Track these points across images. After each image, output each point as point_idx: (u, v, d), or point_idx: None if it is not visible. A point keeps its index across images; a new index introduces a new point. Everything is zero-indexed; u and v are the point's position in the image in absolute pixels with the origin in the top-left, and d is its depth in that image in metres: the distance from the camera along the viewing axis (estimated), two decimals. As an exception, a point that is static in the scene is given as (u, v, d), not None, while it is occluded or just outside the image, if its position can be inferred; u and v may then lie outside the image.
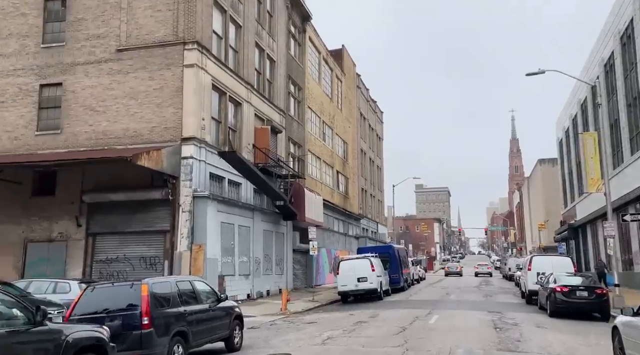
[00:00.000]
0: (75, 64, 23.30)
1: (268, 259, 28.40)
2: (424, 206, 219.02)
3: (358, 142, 54.06)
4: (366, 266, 25.94)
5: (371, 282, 25.70)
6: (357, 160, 53.47)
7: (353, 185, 50.94)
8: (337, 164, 45.70)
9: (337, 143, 46.19)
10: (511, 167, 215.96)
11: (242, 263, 25.03)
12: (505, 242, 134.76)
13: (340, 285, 26.02)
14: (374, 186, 62.09)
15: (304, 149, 36.42)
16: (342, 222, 46.53)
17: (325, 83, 43.27)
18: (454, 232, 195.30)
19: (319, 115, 40.66)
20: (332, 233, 41.97)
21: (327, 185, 42.19)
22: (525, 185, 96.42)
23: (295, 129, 34.85)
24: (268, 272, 28.28)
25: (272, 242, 29.08)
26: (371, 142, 61.84)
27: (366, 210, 57.18)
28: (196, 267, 21.21)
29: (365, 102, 59.22)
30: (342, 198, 46.46)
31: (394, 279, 31.19)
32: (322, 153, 41.04)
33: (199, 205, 21.66)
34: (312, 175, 38.19)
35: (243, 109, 26.90)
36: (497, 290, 33.26)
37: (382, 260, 30.61)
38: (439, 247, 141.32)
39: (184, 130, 21.96)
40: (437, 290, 33.87)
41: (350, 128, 51.07)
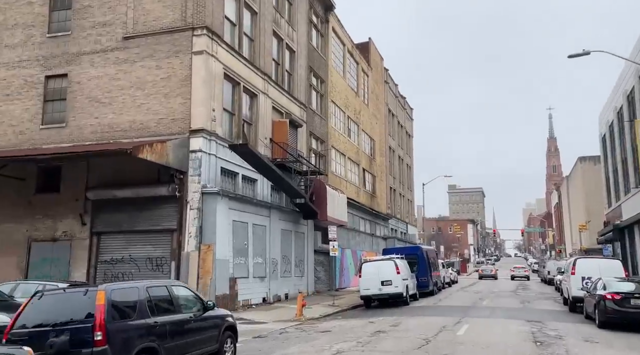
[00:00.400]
0: (81, 53, 22.13)
1: (287, 261, 26.72)
2: (457, 207, 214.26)
3: (386, 139, 51.97)
4: (391, 268, 23.99)
5: (396, 286, 23.73)
6: (385, 158, 51.38)
7: (381, 184, 48.88)
8: (364, 161, 43.76)
9: (363, 140, 44.25)
10: (549, 166, 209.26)
11: (257, 264, 23.42)
12: (542, 244, 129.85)
13: (362, 289, 24.14)
14: (403, 185, 59.82)
15: (327, 144, 34.65)
16: (369, 222, 44.55)
17: (350, 77, 41.41)
18: (489, 234, 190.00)
19: (344, 110, 38.83)
20: (358, 233, 40.05)
21: (353, 183, 40.30)
22: (564, 184, 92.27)
23: (317, 124, 33.12)
24: (287, 275, 26.61)
25: (291, 243, 27.40)
26: (400, 139, 59.61)
27: (395, 210, 54.99)
28: (205, 268, 19.68)
29: (394, 98, 57.06)
30: (368, 197, 44.49)
31: (422, 282, 29.10)
32: (347, 150, 39.18)
33: (208, 202, 20.13)
34: (336, 173, 36.39)
35: (259, 101, 25.32)
36: (536, 296, 30.73)
37: (410, 262, 28.63)
38: (472, 249, 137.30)
39: (192, 122, 20.48)
40: (470, 294, 31.57)
41: (378, 124, 49.04)
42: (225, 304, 20.08)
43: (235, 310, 20.68)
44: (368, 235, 43.11)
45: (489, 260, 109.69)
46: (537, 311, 21.25)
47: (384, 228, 49.58)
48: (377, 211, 46.37)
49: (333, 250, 24.69)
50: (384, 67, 52.76)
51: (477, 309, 21.72)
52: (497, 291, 35.13)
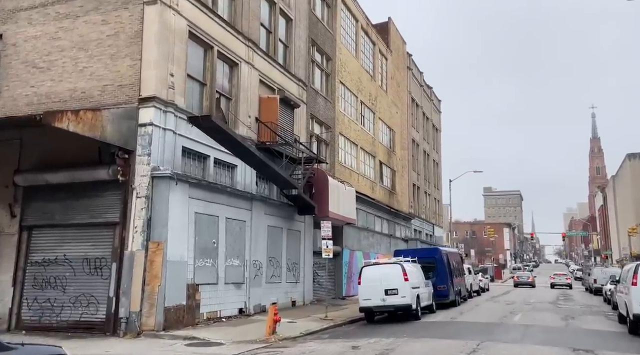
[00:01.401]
0: (19, 9, 18.40)
1: (275, 263, 22.38)
2: (493, 211, 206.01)
3: (408, 131, 47.09)
4: (397, 274, 19.36)
5: (403, 296, 19.07)
6: (408, 152, 46.50)
7: (401, 180, 44.03)
8: (381, 153, 39.06)
9: (380, 129, 39.57)
10: (592, 168, 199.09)
11: (232, 268, 19.15)
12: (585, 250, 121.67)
13: (362, 299, 19.60)
14: (429, 183, 54.70)
15: (333, 131, 30.18)
16: (387, 222, 39.77)
17: (364, 58, 36.87)
18: (527, 239, 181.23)
19: (355, 93, 34.29)
20: (372, 233, 35.37)
21: (367, 177, 35.68)
22: (610, 185, 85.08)
23: (321, 106, 28.71)
24: (275, 280, 22.25)
25: (281, 242, 23.04)
26: (426, 133, 54.56)
27: (419, 210, 49.97)
28: (152, 272, 15.52)
29: (418, 87, 52.12)
30: (386, 193, 39.74)
31: (441, 291, 24.30)
32: (360, 139, 34.61)
33: (159, 189, 16.00)
34: (345, 164, 31.86)
35: (241, 71, 21.13)
36: (582, 310, 25.47)
37: (426, 266, 23.92)
38: (509, 254, 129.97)
39: (142, 88, 16.42)
40: (500, 306, 26.53)
41: (399, 114, 44.25)
42: (178, 318, 15.87)
43: (195, 325, 16.45)
44: (385, 236, 38.35)
45: (527, 266, 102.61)
46: (585, 333, 16.26)
47: (406, 229, 44.69)
48: (397, 210, 41.55)
49: (326, 251, 20.23)
50: (406, 52, 47.97)
51: (505, 329, 16.88)
52: (534, 302, 29.91)
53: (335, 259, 29.47)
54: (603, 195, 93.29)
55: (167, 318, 15.42)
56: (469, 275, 33.55)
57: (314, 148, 27.54)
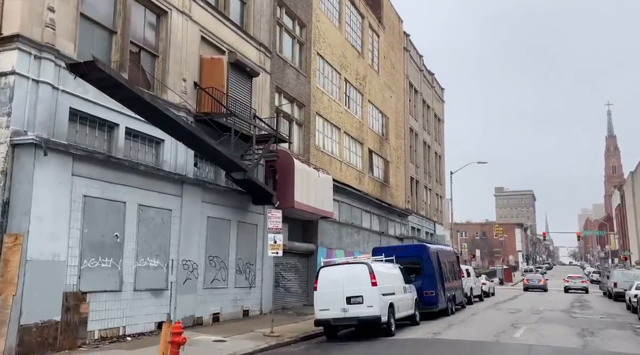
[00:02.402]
0: None
1: (218, 264, 18.00)
2: (504, 211, 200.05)
3: (405, 119, 42.53)
4: (362, 277, 14.95)
5: (370, 305, 14.65)
6: (404, 141, 41.94)
7: (396, 172, 39.48)
8: (371, 140, 34.58)
9: (371, 113, 35.09)
10: (607, 167, 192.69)
11: (148, 270, 14.82)
12: (602, 251, 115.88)
13: (318, 310, 15.21)
14: (430, 177, 50.05)
15: (308, 109, 25.77)
16: (378, 217, 35.23)
17: (351, 31, 32.43)
18: (540, 240, 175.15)
19: (338, 69, 29.86)
20: (357, 230, 30.86)
21: (352, 165, 31.21)
22: (628, 182, 79.69)
23: (291, 80, 24.33)
24: (218, 284, 17.88)
25: (228, 238, 18.64)
26: (426, 122, 49.94)
27: (418, 206, 45.36)
28: (6, 277, 11.24)
29: (417, 71, 47.53)
30: (377, 186, 35.23)
31: (429, 297, 19.83)
32: (343, 122, 30.15)
33: (22, 161, 11.73)
34: (324, 148, 27.43)
35: (172, 22, 16.83)
36: (603, 320, 20.78)
37: (410, 268, 19.54)
38: (521, 256, 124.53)
39: (4, 25, 12.17)
40: (502, 316, 21.94)
41: (393, 99, 39.71)
42: (45, 340, 11.56)
43: (75, 348, 12.13)
44: (375, 233, 33.82)
45: (539, 268, 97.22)
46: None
47: (401, 226, 40.10)
48: (390, 204, 37.00)
49: (273, 247, 15.77)
50: (403, 31, 43.42)
51: (500, 352, 12.35)
52: (544, 310, 25.26)
53: (309, 259, 25.08)
54: (620, 194, 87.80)
55: (25, 341, 11.11)
56: (468, 278, 28.95)
57: (284, 129, 23.16)
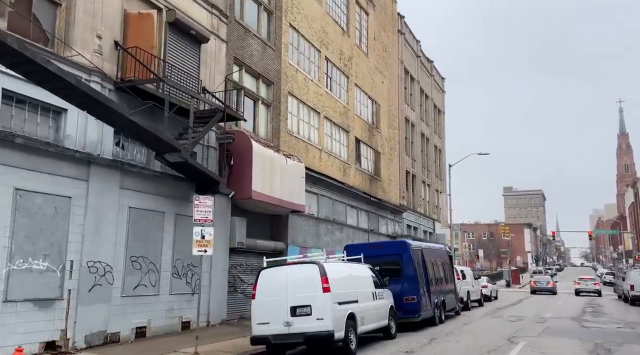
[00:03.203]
0: None
1: (146, 266, 14.82)
2: (513, 212, 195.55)
3: (400, 108, 39.22)
4: (311, 280, 11.73)
5: (319, 317, 11.42)
6: (399, 132, 38.62)
7: (389, 165, 36.17)
8: (358, 128, 31.31)
9: (357, 98, 31.84)
10: (620, 165, 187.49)
11: (28, 274, 11.69)
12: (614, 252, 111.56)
13: (256, 323, 11.95)
14: (429, 172, 46.66)
15: (277, 88, 22.57)
16: (366, 214, 31.93)
17: (333, 5, 29.21)
18: (550, 241, 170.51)
19: (317, 46, 26.64)
20: (340, 227, 27.58)
21: (335, 155, 27.97)
22: (641, 178, 75.67)
23: (255, 52, 21.14)
24: (145, 291, 14.70)
25: (161, 234, 15.45)
26: (424, 113, 46.58)
27: (415, 202, 41.99)
28: None
29: (414, 57, 44.20)
30: (365, 179, 31.95)
31: (409, 304, 16.59)
32: (324, 105, 26.93)
33: None
34: (298, 134, 24.22)
35: (87, -31, 13.73)
36: (620, 331, 17.34)
37: (387, 269, 16.32)
38: (530, 257, 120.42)
39: None
40: (500, 326, 18.57)
41: (385, 84, 36.44)
42: None
43: None
44: (362, 231, 30.50)
45: (549, 270, 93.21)
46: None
47: (395, 224, 36.76)
48: (381, 199, 33.68)
49: (199, 244, 12.52)
50: (397, 13, 40.14)
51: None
52: (550, 317, 21.87)
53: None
54: (634, 191, 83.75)
55: None
56: (464, 281, 25.59)
57: (247, 110, 19.97)
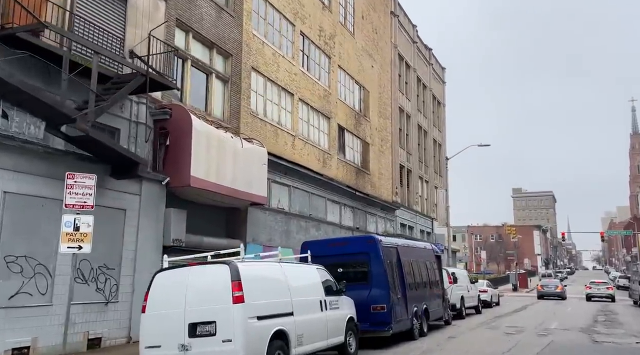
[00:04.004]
0: None
1: (33, 268, 11.74)
2: (523, 214, 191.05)
3: (394, 96, 36.04)
4: (217, 286, 8.61)
5: (226, 339, 8.30)
6: (392, 122, 35.45)
7: (380, 157, 32.99)
8: (342, 115, 28.19)
9: (341, 82, 28.74)
10: (632, 166, 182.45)
11: None
12: (628, 254, 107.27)
13: (144, 346, 8.83)
14: (427, 167, 43.39)
15: (237, 61, 19.49)
16: (351, 210, 28.78)
17: (311, -23, 26.14)
18: (561, 243, 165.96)
19: (290, 19, 23.57)
20: (317, 224, 24.41)
21: (312, 143, 24.88)
22: (656, 176, 71.73)
23: (205, 15, 18.07)
24: (30, 301, 11.61)
25: (57, 227, 12.30)
26: (422, 104, 43.35)
27: (410, 199, 38.76)
28: None
29: (410, 43, 41.00)
30: (351, 171, 28.80)
31: (377, 315, 13.44)
32: (299, 86, 23.84)
33: None
34: (265, 117, 21.12)
35: None
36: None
37: (351, 272, 13.19)
38: (539, 260, 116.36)
39: None
40: (492, 341, 15.32)
41: (376, 69, 33.30)
42: None
43: None
44: (345, 228, 27.32)
45: (559, 273, 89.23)
46: None
47: (386, 222, 33.55)
48: (368, 194, 30.49)
49: (67, 238, 9.53)
50: (390, -6, 37.02)
51: None
52: (556, 329, 18.58)
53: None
54: (649, 190, 79.66)
55: None
56: (457, 285, 22.33)
57: (195, 83, 16.95)
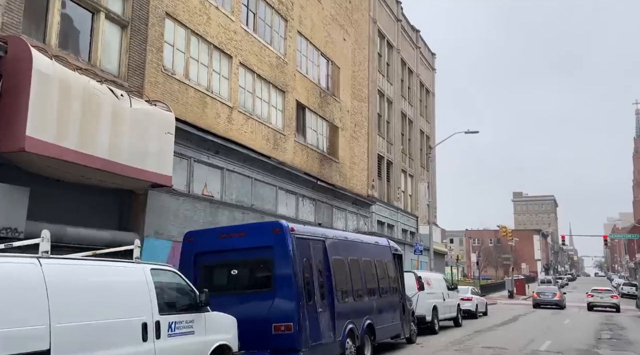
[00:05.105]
0: None
1: None
2: (523, 218, 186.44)
3: (371, 77, 31.80)
4: None
5: None
6: (368, 106, 31.21)
7: (352, 144, 28.74)
8: (302, 90, 23.96)
9: (302, 51, 24.53)
10: (636, 170, 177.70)
11: None
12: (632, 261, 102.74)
13: None
14: (411, 160, 39.14)
15: (143, 2, 15.22)
16: (313, 202, 24.51)
17: None
18: (562, 249, 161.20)
19: (228, -34, 19.30)
20: (260, 216, 20.01)
21: (260, 119, 20.65)
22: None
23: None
24: None
25: None
26: (407, 90, 39.13)
27: (390, 195, 34.50)
28: None
29: (393, 21, 36.80)
30: (313, 158, 24.57)
31: (281, 337, 9.09)
32: (239, 48, 19.59)
33: None
34: (186, 78, 16.82)
35: None
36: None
37: (250, 273, 9.03)
38: (539, 265, 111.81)
39: None
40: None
41: (349, 44, 29.09)
42: None
43: None
44: (304, 224, 22.93)
45: (559, 279, 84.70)
46: None
47: (359, 218, 29.26)
48: (335, 185, 26.22)
49: None
50: (368, -39, 32.80)
51: None
52: (547, 351, 14.28)
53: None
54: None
55: None
56: (426, 293, 18.01)
57: (73, 24, 12.73)
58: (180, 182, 16.13)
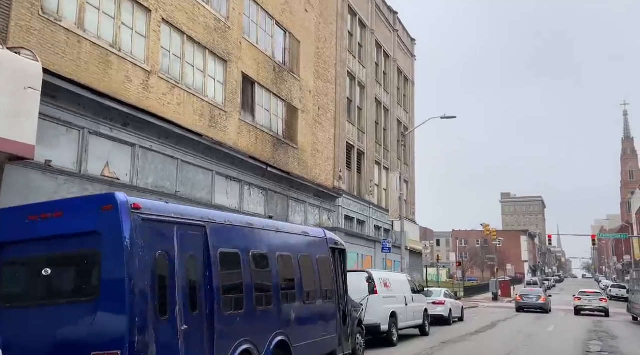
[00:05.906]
0: None
1: None
2: (511, 219, 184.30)
3: (340, 57, 28.53)
4: None
5: None
6: (335, 88, 27.95)
7: (315, 129, 25.46)
8: (250, 62, 20.64)
9: (251, 17, 21.22)
10: (624, 172, 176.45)
11: None
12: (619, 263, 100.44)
13: None
14: (387, 152, 35.95)
15: None
16: (263, 192, 21.19)
17: None
18: (550, 250, 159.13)
19: None
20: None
21: (188, 89, 17.30)
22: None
23: None
24: None
25: None
26: (383, 76, 35.95)
27: (362, 188, 31.27)
28: None
29: (367, 0, 33.59)
30: (265, 141, 21.25)
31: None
32: (162, 1, 16.20)
33: None
34: (79, 28, 13.42)
35: None
36: None
37: (67, 276, 5.49)
38: (526, 267, 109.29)
39: None
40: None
41: (312, 17, 25.83)
42: None
43: None
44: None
45: (546, 281, 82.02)
46: None
47: (323, 212, 25.97)
48: (290, 173, 22.91)
49: None
50: None
51: None
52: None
53: None
54: (645, 192, 72.90)
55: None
56: (382, 297, 14.75)
57: None
58: (67, 158, 12.75)
